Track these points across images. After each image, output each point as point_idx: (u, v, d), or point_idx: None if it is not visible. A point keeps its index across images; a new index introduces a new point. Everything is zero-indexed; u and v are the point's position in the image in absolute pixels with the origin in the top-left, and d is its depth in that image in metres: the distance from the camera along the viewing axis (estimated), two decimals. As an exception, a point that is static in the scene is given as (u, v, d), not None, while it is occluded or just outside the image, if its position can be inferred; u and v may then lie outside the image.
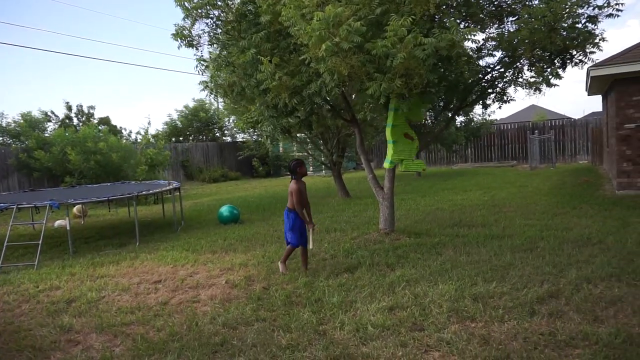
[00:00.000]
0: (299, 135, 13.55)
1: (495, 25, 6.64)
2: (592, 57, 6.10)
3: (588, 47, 5.92)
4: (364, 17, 5.09)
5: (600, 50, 5.96)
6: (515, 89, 6.98)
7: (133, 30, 73.71)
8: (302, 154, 19.26)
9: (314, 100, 6.33)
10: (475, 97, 7.29)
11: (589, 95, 14.44)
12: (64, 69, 61.78)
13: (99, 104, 56.59)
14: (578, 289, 4.30)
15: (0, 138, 18.05)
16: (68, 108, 21.09)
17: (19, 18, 57.75)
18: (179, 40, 6.71)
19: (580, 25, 5.79)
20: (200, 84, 7.39)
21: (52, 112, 20.65)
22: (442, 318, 3.84)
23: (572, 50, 6.03)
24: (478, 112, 18.44)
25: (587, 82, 11.61)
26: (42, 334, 4.07)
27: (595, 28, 5.86)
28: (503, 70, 6.73)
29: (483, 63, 7.05)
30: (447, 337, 3.49)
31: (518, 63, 6.48)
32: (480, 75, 7.00)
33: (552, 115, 34.35)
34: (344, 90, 7.11)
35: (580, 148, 21.38)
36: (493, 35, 6.54)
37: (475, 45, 6.78)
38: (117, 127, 21.39)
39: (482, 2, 6.13)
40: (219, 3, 6.56)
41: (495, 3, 6.41)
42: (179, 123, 25.80)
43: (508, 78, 6.83)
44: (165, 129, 25.54)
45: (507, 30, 6.38)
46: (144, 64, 74.92)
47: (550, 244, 6.00)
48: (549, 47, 5.70)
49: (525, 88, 6.64)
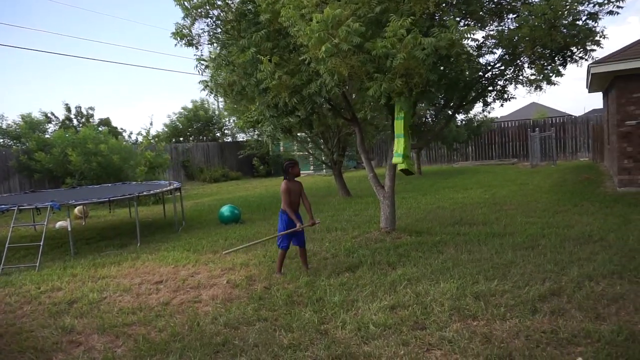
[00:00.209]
0: (300, 135, 13.54)
1: (495, 23, 6.62)
2: (592, 54, 6.08)
3: (588, 44, 5.90)
4: (363, 15, 5.07)
5: (601, 48, 5.94)
6: (516, 87, 6.98)
7: (132, 30, 73.85)
8: (302, 153, 19.25)
9: (314, 100, 6.32)
10: (476, 95, 7.28)
11: (590, 93, 14.40)
12: (64, 70, 61.92)
13: (99, 105, 56.72)
14: (580, 287, 4.29)
15: (1, 140, 18.05)
16: (67, 109, 21.10)
17: (18, 19, 57.82)
18: (179, 40, 6.71)
19: (581, 23, 5.77)
20: (201, 84, 7.39)
21: (52, 113, 20.65)
22: (443, 317, 3.83)
23: (572, 48, 6.01)
24: (478, 109, 18.40)
25: (587, 79, 11.59)
26: (43, 335, 4.08)
27: (596, 25, 5.83)
28: (503, 68, 6.72)
29: (483, 61, 7.04)
30: (448, 335, 3.49)
31: (518, 61, 6.46)
32: (481, 73, 6.98)
33: (552, 113, 34.26)
34: (344, 90, 7.10)
35: (581, 145, 21.36)
36: (493, 33, 6.53)
37: (476, 43, 6.77)
38: (117, 128, 21.41)
39: (481, -1, 6.12)
40: (219, 2, 6.55)
41: (495, 0, 6.39)
42: (179, 124, 25.80)
43: (508, 76, 6.82)
44: (166, 130, 25.55)
45: (507, 28, 6.37)
46: (144, 64, 75.13)
47: (552, 242, 6.00)
48: (550, 44, 5.68)
49: (526, 86, 6.64)
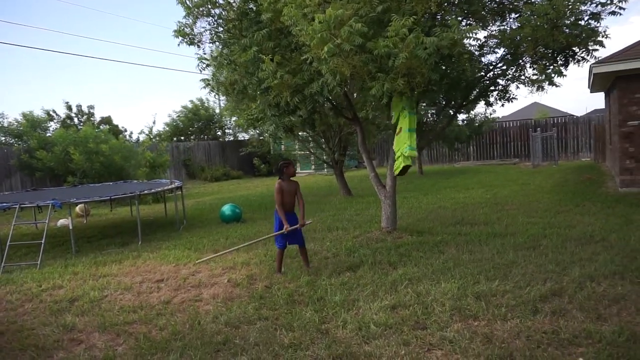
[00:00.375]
0: (301, 134, 13.54)
1: (497, 23, 6.61)
2: (595, 54, 6.07)
3: (591, 44, 5.89)
4: (365, 15, 5.07)
5: (604, 47, 5.92)
6: (518, 87, 6.97)
7: (133, 29, 73.84)
8: (304, 152, 19.22)
9: (316, 99, 6.31)
10: (477, 94, 7.27)
11: (592, 93, 14.39)
12: (64, 68, 61.80)
13: (100, 104, 56.72)
14: (581, 287, 4.28)
15: (3, 138, 18.07)
16: (68, 108, 21.08)
17: (18, 17, 57.88)
18: (180, 38, 6.71)
19: (583, 23, 5.76)
20: (202, 82, 7.41)
21: (54, 111, 20.66)
22: (444, 316, 3.83)
23: (574, 48, 6.00)
24: (481, 109, 18.41)
25: (589, 79, 11.57)
26: (45, 333, 4.08)
27: (598, 25, 5.82)
28: (505, 68, 6.71)
29: (485, 60, 7.03)
30: (449, 335, 3.48)
31: (520, 60, 6.45)
32: (482, 73, 6.98)
33: (554, 113, 34.18)
34: (346, 90, 7.10)
35: (583, 145, 21.33)
36: (495, 33, 6.52)
37: (477, 43, 6.76)
38: (118, 126, 21.42)
39: (484, -1, 6.11)
40: (221, 1, 6.56)
41: (497, 0, 6.38)
42: (180, 123, 25.81)
43: (510, 76, 6.82)
44: (167, 129, 25.56)
45: (509, 28, 6.36)
46: (145, 63, 75.15)
47: (553, 242, 5.99)
48: (552, 44, 5.66)
49: (528, 86, 6.63)
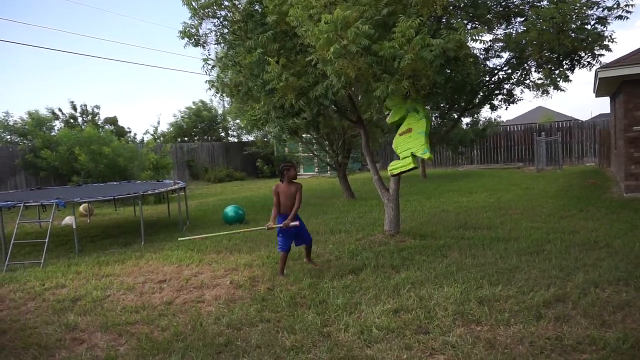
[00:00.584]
0: (305, 136, 13.54)
1: (503, 27, 6.60)
2: (600, 58, 6.05)
3: (597, 48, 5.87)
4: (371, 18, 5.07)
5: (610, 52, 5.91)
6: (522, 91, 6.94)
7: (136, 28, 74.13)
8: (307, 155, 19.25)
9: (321, 102, 6.31)
10: (482, 98, 7.25)
11: (597, 97, 14.34)
12: (69, 67, 62.16)
13: (105, 103, 56.89)
14: (585, 293, 4.25)
15: (8, 137, 18.15)
16: (73, 107, 21.10)
17: (22, 16, 58.20)
18: (186, 39, 6.73)
19: (589, 27, 5.74)
20: (207, 83, 7.41)
21: (59, 109, 20.68)
22: (447, 321, 3.81)
23: (580, 52, 5.97)
24: (487, 113, 18.36)
25: (595, 83, 11.52)
26: (47, 332, 4.09)
27: (605, 29, 5.80)
28: (510, 72, 6.69)
29: (490, 64, 7.02)
30: (452, 340, 3.47)
31: (526, 64, 6.43)
32: (487, 77, 6.96)
33: (559, 117, 34.10)
34: (350, 92, 7.09)
35: (588, 150, 21.22)
36: (500, 36, 6.50)
37: (483, 46, 6.75)
38: (124, 127, 21.45)
39: (489, 3, 6.10)
40: (226, 3, 6.58)
41: (503, 4, 6.37)
42: (184, 124, 25.88)
43: (515, 79, 6.79)
44: (171, 130, 25.63)
45: (514, 32, 6.34)
46: (149, 63, 75.40)
47: (557, 247, 5.96)
48: (557, 48, 5.64)
49: (533, 90, 6.60)
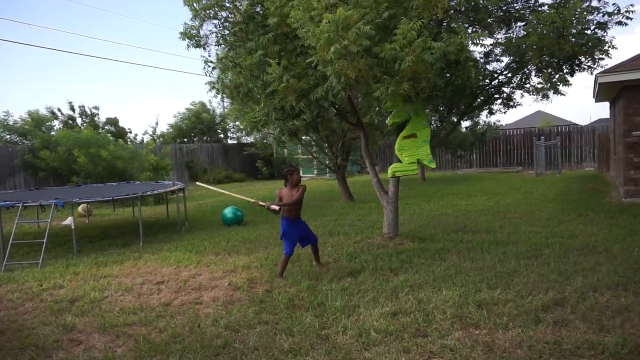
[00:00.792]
0: (304, 138, 13.54)
1: (503, 31, 6.61)
2: (601, 62, 6.07)
3: (597, 53, 5.89)
4: (372, 20, 5.08)
5: (609, 57, 5.92)
6: (522, 95, 6.95)
7: (136, 29, 74.18)
8: (306, 157, 19.24)
9: (321, 104, 6.32)
10: (482, 101, 7.26)
11: (597, 102, 14.35)
12: (70, 67, 62.20)
13: (106, 103, 56.86)
14: (584, 298, 4.25)
15: (8, 136, 18.12)
16: (71, 108, 20.88)
17: (23, 16, 58.22)
18: (187, 40, 6.74)
19: (589, 32, 5.75)
20: (208, 84, 7.41)
21: (58, 109, 20.58)
22: (445, 324, 3.81)
23: (580, 57, 6.00)
24: (484, 118, 18.34)
25: (594, 88, 11.55)
26: (45, 333, 4.08)
27: (605, 35, 5.82)
28: (510, 76, 6.71)
29: (490, 68, 7.03)
30: (450, 343, 3.46)
31: (526, 69, 6.45)
32: (487, 80, 6.97)
33: (558, 122, 34.12)
34: (350, 94, 7.10)
35: (587, 155, 21.26)
36: (501, 40, 6.52)
37: (483, 50, 6.77)
38: (125, 128, 21.35)
39: (490, 7, 6.12)
40: (227, 4, 6.58)
41: (504, 8, 6.39)
42: (183, 125, 25.86)
43: (515, 84, 6.81)
44: (171, 131, 25.60)
45: (515, 36, 6.36)
46: (148, 63, 75.46)
47: (556, 252, 5.95)
48: (558, 53, 5.66)
49: (533, 94, 6.62)
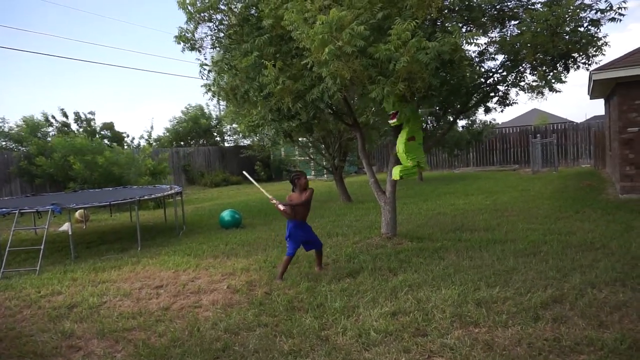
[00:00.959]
0: (301, 140, 13.54)
1: (497, 29, 6.63)
2: (594, 59, 6.09)
3: (590, 50, 5.91)
4: (366, 21, 5.09)
5: (603, 54, 5.95)
6: (517, 93, 6.97)
7: (132, 33, 74.01)
8: (304, 158, 19.25)
9: (317, 105, 6.32)
10: (477, 100, 7.28)
11: (591, 99, 14.41)
12: (63, 73, 62.00)
13: (101, 108, 56.56)
14: (582, 294, 4.26)
15: (3, 143, 18.03)
16: (64, 114, 20.60)
17: (20, 23, 58.07)
18: (182, 44, 6.73)
19: (583, 29, 5.78)
20: (204, 87, 7.39)
21: (52, 116, 20.45)
22: (445, 323, 3.81)
23: (574, 54, 6.02)
24: (481, 117, 18.39)
25: (589, 85, 11.60)
26: (43, 340, 4.06)
27: (598, 31, 5.84)
28: (505, 74, 6.72)
29: (485, 67, 7.04)
30: (450, 342, 3.46)
31: (520, 67, 6.46)
32: (482, 79, 6.99)
33: (554, 119, 34.24)
34: (346, 95, 7.10)
35: (583, 152, 21.33)
36: (495, 39, 6.54)
37: (478, 49, 6.78)
38: (121, 133, 21.23)
39: (484, 6, 6.13)
40: (222, 7, 6.58)
41: (497, 7, 6.40)
42: (180, 129, 25.79)
43: (510, 82, 6.82)
44: (167, 134, 25.54)
45: (509, 35, 6.38)
46: (145, 68, 75.28)
47: (554, 249, 5.97)
48: (552, 50, 5.68)
49: (528, 92, 6.64)
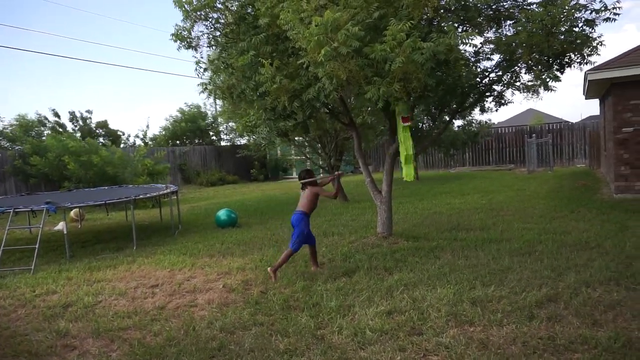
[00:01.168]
0: (297, 139, 13.54)
1: (493, 29, 6.65)
2: (590, 59, 6.12)
3: (586, 50, 5.94)
4: (362, 21, 5.09)
5: (598, 54, 5.97)
6: (513, 92, 6.99)
7: (131, 33, 73.77)
8: (300, 158, 19.22)
9: (313, 105, 6.32)
10: (473, 100, 7.30)
11: (587, 99, 14.49)
12: (60, 72, 61.72)
13: (97, 107, 56.48)
14: (577, 293, 4.29)
15: None
16: (55, 114, 20.39)
17: (16, 20, 57.78)
18: (179, 42, 6.71)
19: (578, 29, 5.80)
20: (200, 86, 7.38)
21: (45, 117, 20.30)
22: (440, 322, 3.82)
23: (569, 54, 6.05)
24: (477, 117, 18.40)
25: (584, 85, 11.64)
26: (38, 339, 4.04)
27: (593, 31, 5.87)
28: (501, 74, 6.74)
29: (481, 67, 7.06)
30: (445, 341, 3.47)
31: (516, 67, 6.48)
32: (478, 79, 7.00)
33: (549, 119, 34.34)
34: (342, 94, 7.10)
35: (578, 151, 21.42)
36: (491, 39, 6.55)
37: (473, 49, 6.79)
38: (117, 131, 21.15)
39: (480, 6, 6.15)
40: (218, 5, 6.56)
41: (493, 7, 6.42)
42: (177, 128, 25.71)
43: (506, 81, 6.84)
44: (163, 133, 25.46)
45: (505, 35, 6.39)
46: (142, 67, 74.99)
47: (549, 248, 6.00)
48: (547, 50, 5.70)
49: (523, 92, 6.66)
